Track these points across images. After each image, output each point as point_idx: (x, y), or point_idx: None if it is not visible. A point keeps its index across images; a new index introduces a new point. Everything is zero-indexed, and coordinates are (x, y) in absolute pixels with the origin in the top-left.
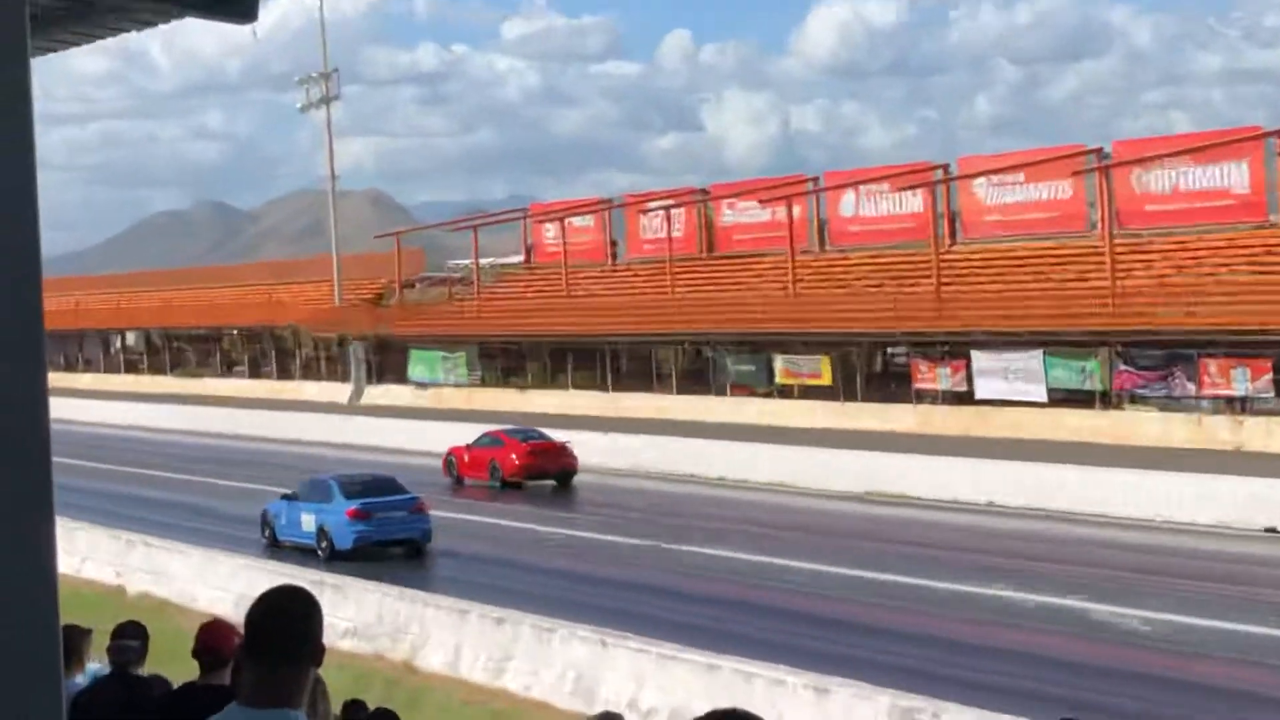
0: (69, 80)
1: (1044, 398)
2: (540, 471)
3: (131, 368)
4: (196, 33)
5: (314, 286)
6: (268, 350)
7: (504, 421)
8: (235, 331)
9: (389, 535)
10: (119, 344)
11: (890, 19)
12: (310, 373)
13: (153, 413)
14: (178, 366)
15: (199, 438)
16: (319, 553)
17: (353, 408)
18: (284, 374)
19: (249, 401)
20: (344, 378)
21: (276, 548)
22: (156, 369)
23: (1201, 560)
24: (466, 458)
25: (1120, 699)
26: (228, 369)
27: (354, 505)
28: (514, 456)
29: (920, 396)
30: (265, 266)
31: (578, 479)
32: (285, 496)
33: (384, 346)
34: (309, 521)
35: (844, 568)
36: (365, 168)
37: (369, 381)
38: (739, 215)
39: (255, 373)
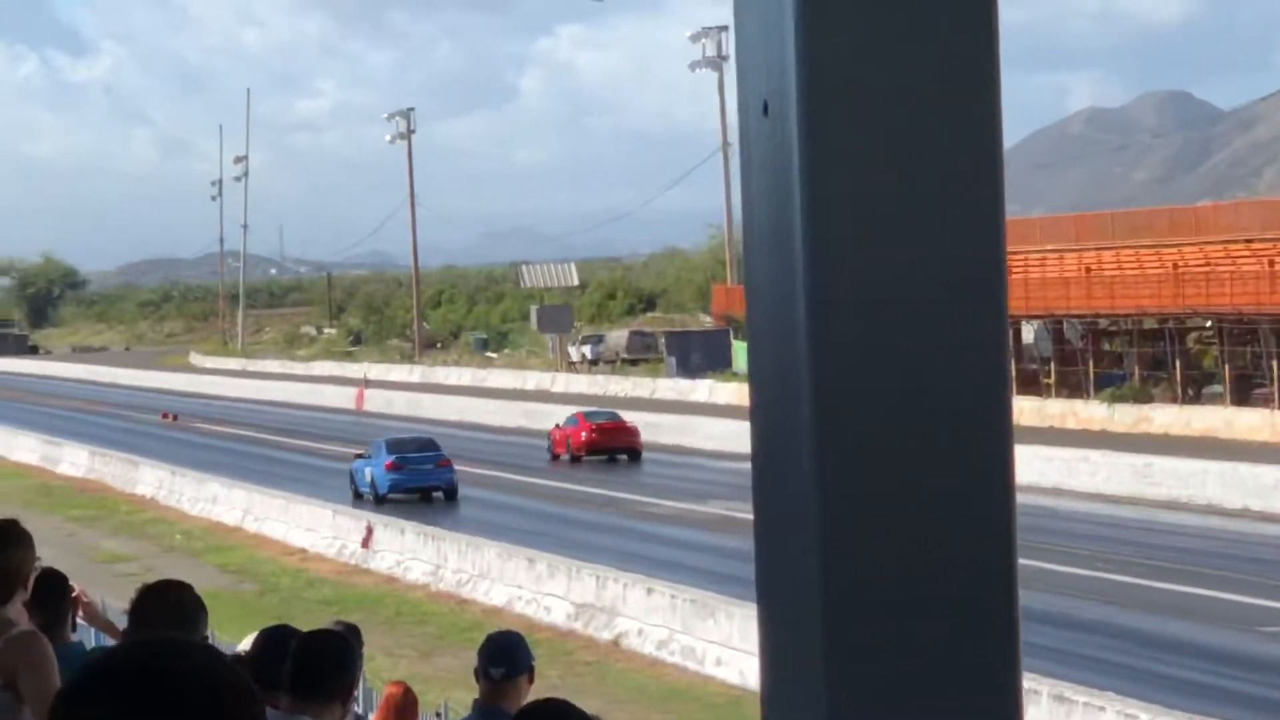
0: None
1: None
2: (602, 447)
3: (1029, 383)
4: None
5: None
6: (1266, 356)
7: None
8: (1207, 324)
9: (417, 483)
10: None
11: None
12: None
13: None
14: (1109, 384)
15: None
16: (370, 498)
17: None
18: None
19: (1230, 449)
20: None
21: (359, 500)
22: (1071, 388)
23: None
24: (557, 436)
25: None
26: (1194, 391)
27: (390, 459)
28: (582, 434)
29: None
30: (1261, 209)
31: None
32: (359, 456)
33: None
34: (367, 474)
35: None
36: None
37: None
38: None
39: (1241, 396)
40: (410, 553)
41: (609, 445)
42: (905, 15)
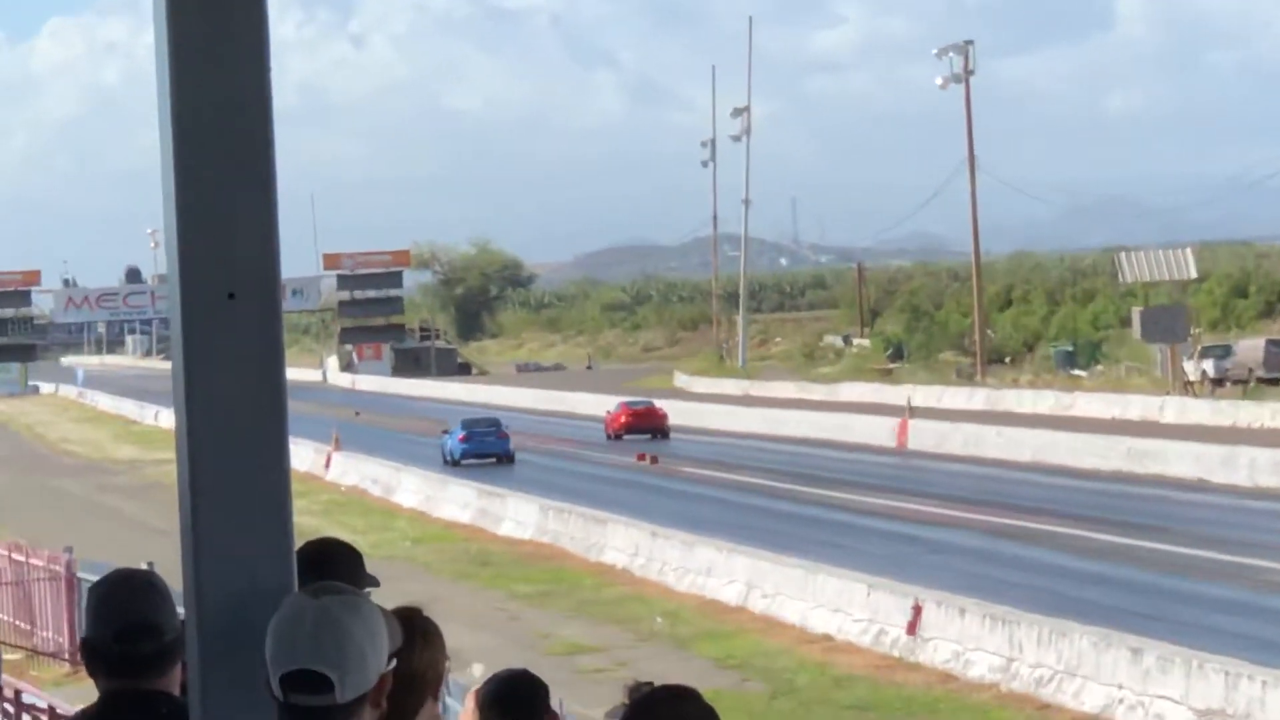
0: None
1: None
2: (635, 428)
3: None
4: None
5: None
6: None
7: None
8: None
9: (482, 450)
10: None
11: None
12: None
13: None
14: None
15: None
16: (448, 461)
17: None
18: None
19: None
20: None
21: (445, 465)
22: None
23: None
24: (608, 419)
25: None
26: None
27: (462, 433)
28: (620, 418)
29: None
30: None
31: None
32: (444, 432)
33: None
34: (449, 444)
35: None
36: None
37: None
38: None
39: None
40: (973, 640)
41: (642, 426)
42: None
